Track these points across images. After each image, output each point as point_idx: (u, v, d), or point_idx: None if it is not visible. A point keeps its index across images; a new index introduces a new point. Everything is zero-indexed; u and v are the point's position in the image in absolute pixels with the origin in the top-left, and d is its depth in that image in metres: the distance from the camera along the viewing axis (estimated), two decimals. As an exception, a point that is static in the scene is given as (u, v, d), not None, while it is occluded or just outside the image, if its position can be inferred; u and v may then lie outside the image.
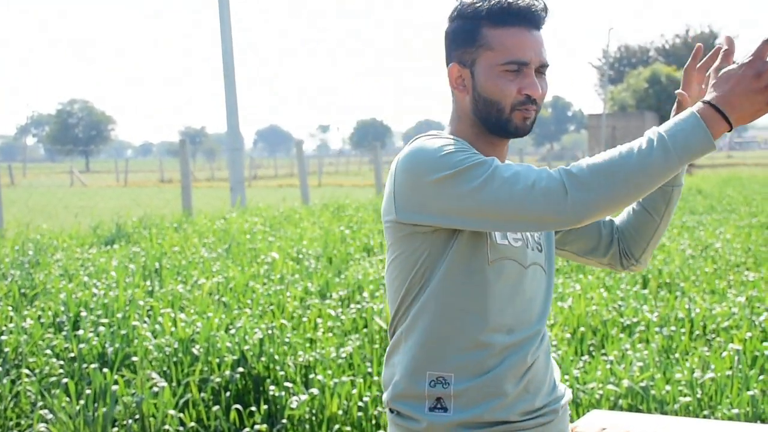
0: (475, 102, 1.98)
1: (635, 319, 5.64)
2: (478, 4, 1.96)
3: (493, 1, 1.94)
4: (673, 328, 5.40)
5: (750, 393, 4.00)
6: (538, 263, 2.02)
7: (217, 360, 4.67)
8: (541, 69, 1.96)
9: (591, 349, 5.29)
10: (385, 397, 2.03)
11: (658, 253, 9.04)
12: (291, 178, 43.87)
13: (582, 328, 5.40)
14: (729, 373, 4.29)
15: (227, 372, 4.53)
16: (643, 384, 4.21)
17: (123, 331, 5.05)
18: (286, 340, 4.97)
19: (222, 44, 15.24)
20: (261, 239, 9.81)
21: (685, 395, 4.16)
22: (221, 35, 15.26)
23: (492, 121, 1.97)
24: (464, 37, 1.98)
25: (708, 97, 1.77)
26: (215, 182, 40.85)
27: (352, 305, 5.98)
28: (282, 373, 4.58)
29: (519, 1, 1.94)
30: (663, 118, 47.19)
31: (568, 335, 5.32)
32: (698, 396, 4.15)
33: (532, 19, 1.94)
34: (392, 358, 2.03)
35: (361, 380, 4.43)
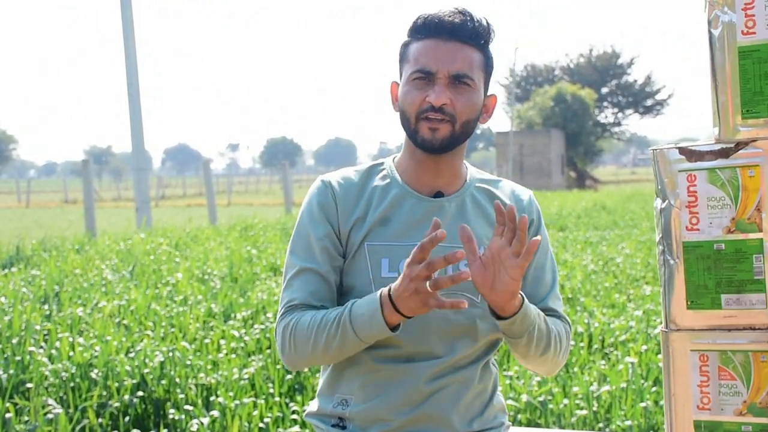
0: (399, 115, 2.03)
1: (536, 335, 5.72)
2: (412, 22, 2.01)
3: (420, 17, 2.00)
4: (572, 342, 5.50)
5: (643, 405, 4.10)
6: (461, 293, 2.01)
7: (117, 384, 4.58)
8: (457, 80, 1.95)
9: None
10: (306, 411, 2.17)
11: (562, 269, 9.20)
12: (200, 197, 43.34)
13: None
14: (624, 385, 4.38)
15: (126, 396, 4.45)
16: (541, 398, 4.27)
17: (18, 357, 4.91)
18: (188, 362, 4.90)
19: (126, 62, 15.01)
20: (166, 260, 9.67)
21: (582, 408, 4.24)
22: (125, 53, 15.04)
23: (408, 133, 2.01)
24: (400, 54, 2.04)
25: (393, 285, 1.84)
26: (122, 202, 40.14)
27: (256, 326, 5.94)
28: (182, 396, 4.51)
29: (438, 14, 1.97)
30: (568, 135, 48.25)
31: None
32: (594, 409, 4.23)
33: (447, 31, 1.95)
34: (320, 378, 2.15)
35: (263, 401, 4.40)
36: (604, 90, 58.61)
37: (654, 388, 4.44)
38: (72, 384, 4.62)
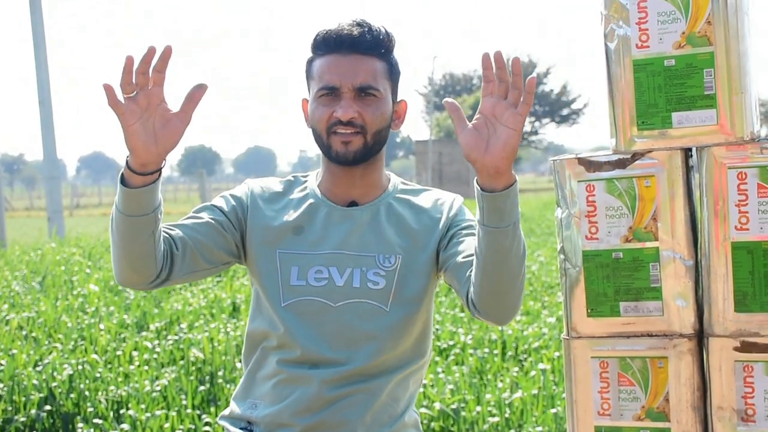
0: (311, 133, 2.04)
1: (451, 342, 5.77)
2: (313, 38, 2.02)
3: (320, 33, 2.01)
4: (486, 350, 5.55)
5: (554, 411, 4.16)
6: (366, 300, 2.00)
7: (23, 399, 4.47)
8: (363, 92, 1.97)
9: (408, 373, 5.37)
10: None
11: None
12: (116, 206, 42.51)
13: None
14: (536, 392, 4.44)
15: (33, 411, 4.35)
16: (454, 406, 4.30)
17: None
18: (98, 375, 4.81)
19: (36, 68, 14.69)
20: (78, 270, 9.48)
21: (494, 415, 4.28)
22: (35, 57, 14.71)
23: (321, 148, 2.03)
24: (306, 71, 2.06)
25: None
26: (34, 211, 39.20)
27: (169, 336, 5.86)
28: (92, 409, 4.42)
29: (337, 28, 1.99)
30: (486, 144, 48.76)
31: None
32: (507, 415, 4.28)
33: (347, 44, 1.97)
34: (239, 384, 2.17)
35: (175, 413, 4.34)
36: (522, 99, 59.34)
37: (565, 395, 4.51)
38: (-24, 399, 4.50)
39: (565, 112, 59.98)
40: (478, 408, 4.30)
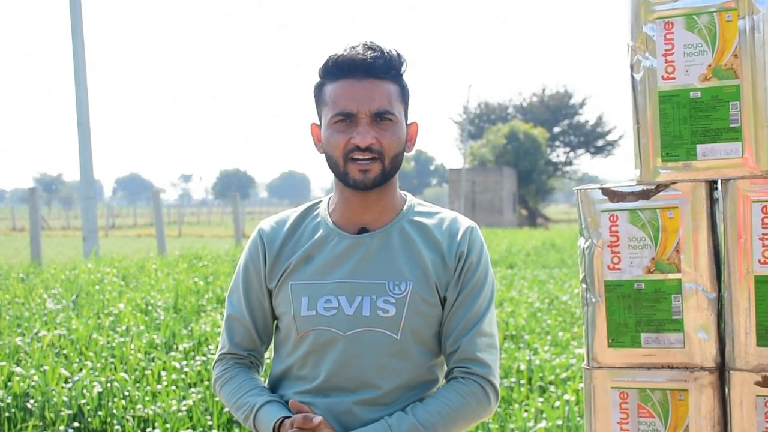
0: (325, 158, 2.03)
1: (478, 371, 5.74)
2: (323, 63, 2.01)
3: (331, 58, 1.99)
4: (513, 379, 5.53)
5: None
6: (375, 329, 1.99)
7: (53, 415, 4.51)
8: (379, 117, 1.96)
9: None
10: None
11: (508, 306, 9.25)
12: (150, 227, 42.90)
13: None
14: (560, 422, 4.41)
15: (62, 427, 4.39)
16: (478, 434, 4.29)
17: (-49, 386, 4.83)
18: (126, 393, 4.85)
19: (76, 90, 14.90)
20: (111, 290, 9.56)
21: (518, 445, 4.27)
22: (75, 80, 14.93)
23: (337, 175, 2.02)
24: (315, 96, 2.05)
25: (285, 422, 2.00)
26: (71, 231, 39.64)
27: (197, 357, 5.89)
28: (119, 427, 4.46)
29: (349, 53, 1.97)
30: (520, 173, 48.67)
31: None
32: (531, 445, 4.26)
33: (361, 69, 1.96)
34: None
35: (200, 434, 4.37)
36: (556, 129, 59.17)
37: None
38: (7, 414, 4.55)
39: (600, 143, 59.70)
40: (503, 437, 4.29)
